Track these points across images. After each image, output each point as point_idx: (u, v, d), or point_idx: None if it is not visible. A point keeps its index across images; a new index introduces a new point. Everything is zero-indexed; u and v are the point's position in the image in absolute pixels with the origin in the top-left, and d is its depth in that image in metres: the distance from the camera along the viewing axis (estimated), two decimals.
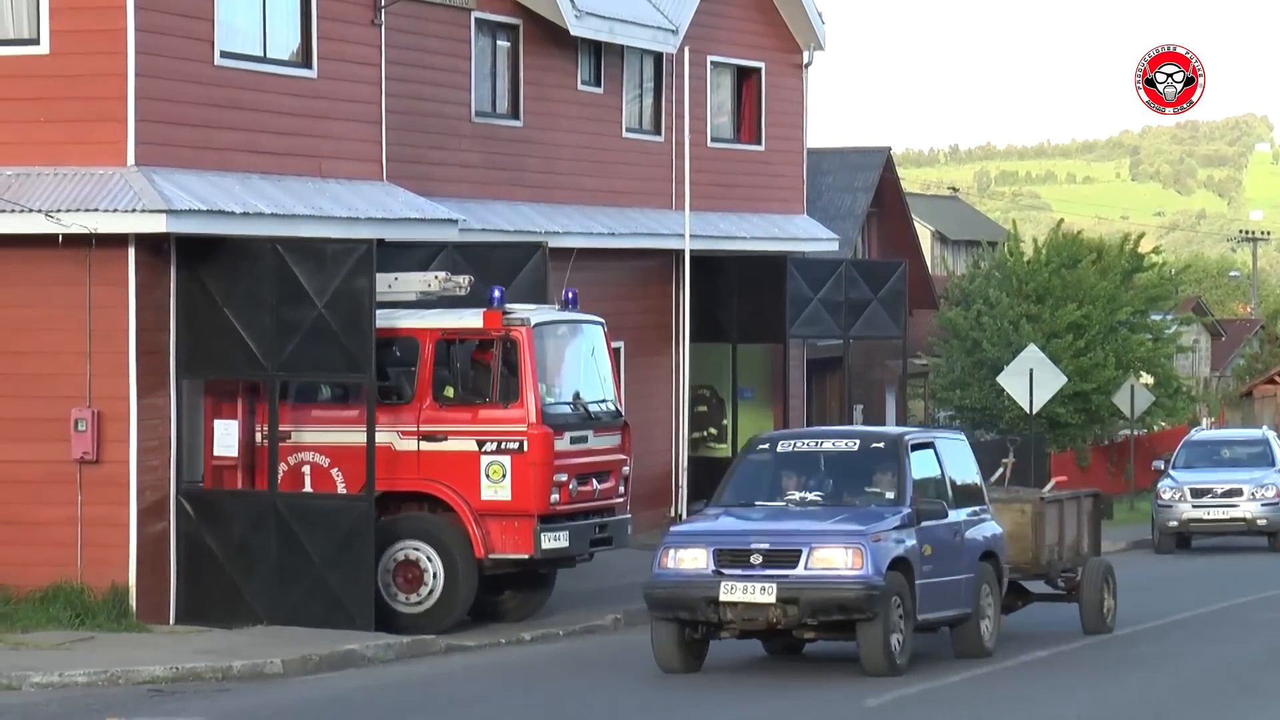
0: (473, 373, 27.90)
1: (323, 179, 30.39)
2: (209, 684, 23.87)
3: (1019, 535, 27.41)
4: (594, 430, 28.77)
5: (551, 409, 27.86)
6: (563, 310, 29.63)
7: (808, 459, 25.61)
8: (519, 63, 38.56)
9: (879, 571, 23.18)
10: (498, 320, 27.55)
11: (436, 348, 27.89)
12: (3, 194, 27.11)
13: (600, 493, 28.81)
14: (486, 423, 27.58)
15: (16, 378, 27.57)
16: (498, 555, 27.74)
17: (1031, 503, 28.15)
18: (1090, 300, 61.19)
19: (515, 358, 27.58)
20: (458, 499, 27.63)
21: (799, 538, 23.56)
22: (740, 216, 44.71)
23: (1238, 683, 24.51)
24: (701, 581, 23.38)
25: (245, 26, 29.44)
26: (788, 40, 46.61)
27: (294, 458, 28.24)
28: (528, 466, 27.48)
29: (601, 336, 29.75)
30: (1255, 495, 48.42)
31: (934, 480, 25.45)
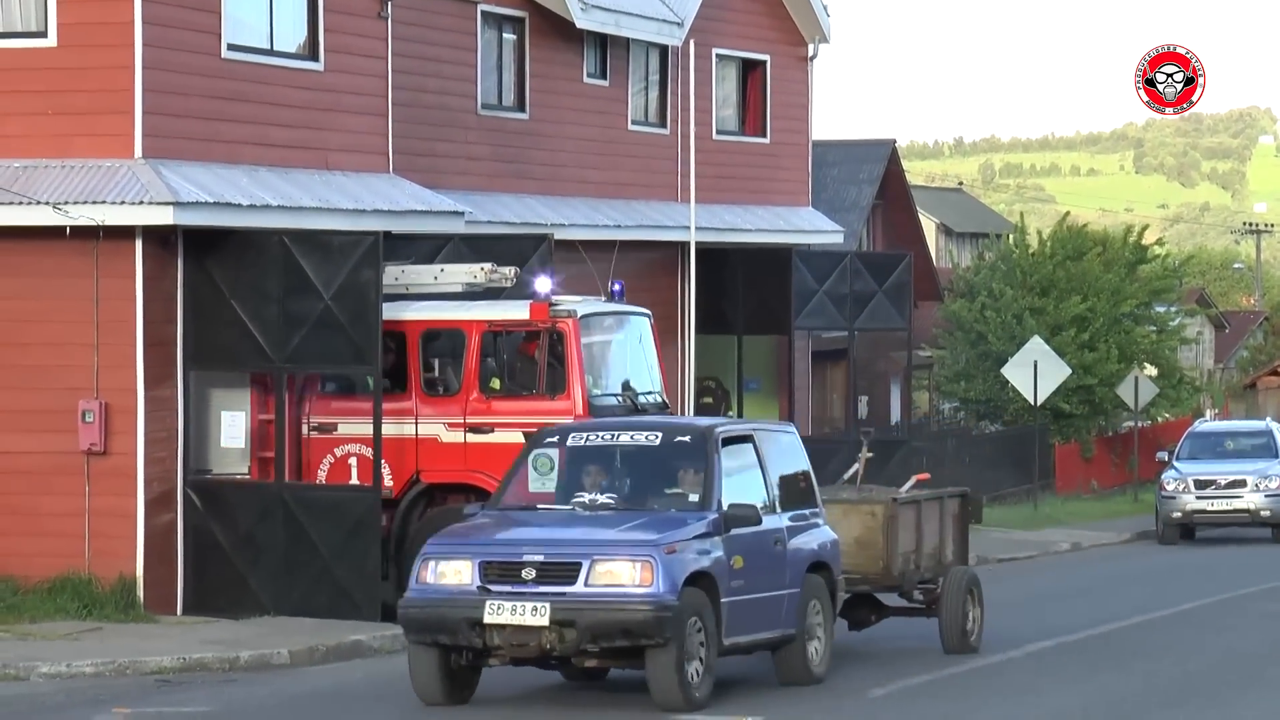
0: (519, 365, 27.79)
1: (329, 171, 30.39)
2: (216, 674, 23.87)
3: (869, 541, 24.38)
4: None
5: (598, 401, 27.66)
6: (609, 302, 29.55)
7: (603, 455, 22.14)
8: (525, 55, 38.56)
9: (672, 588, 19.84)
10: (544, 312, 27.43)
11: (483, 339, 27.76)
12: (10, 186, 27.12)
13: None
14: (533, 414, 27.16)
15: (24, 369, 27.58)
16: None
17: (883, 504, 24.70)
18: (1095, 293, 61.27)
19: (562, 350, 27.45)
20: None
21: (579, 548, 20.26)
22: (745, 209, 44.71)
23: (1243, 674, 24.52)
24: (464, 600, 20.11)
25: (252, 19, 29.43)
26: (793, 33, 46.60)
27: (340, 449, 28.20)
28: None
29: (648, 327, 29.58)
30: (1259, 486, 48.46)
31: (752, 480, 22.04)
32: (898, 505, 24.64)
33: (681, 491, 21.47)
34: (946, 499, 26.24)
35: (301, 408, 28.45)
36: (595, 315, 28.41)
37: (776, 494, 22.30)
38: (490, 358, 27.79)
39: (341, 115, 30.88)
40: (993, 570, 40.36)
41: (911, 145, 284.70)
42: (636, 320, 29.46)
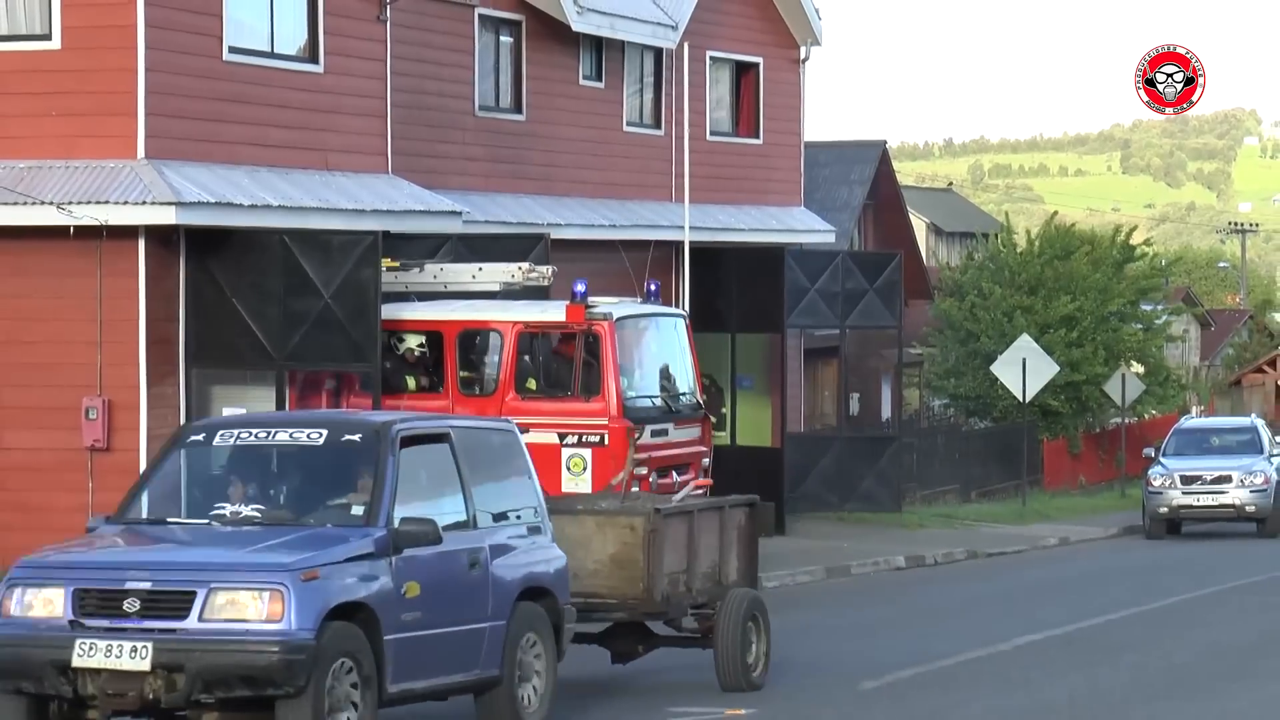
0: (555, 366, 27.63)
1: (329, 172, 30.40)
2: None
3: (627, 560, 20.27)
4: (674, 423, 28.43)
5: (633, 402, 27.56)
6: (645, 303, 29.50)
7: (256, 456, 18.12)
8: (522, 58, 38.58)
9: (309, 624, 15.78)
10: (580, 314, 27.23)
11: (519, 340, 27.59)
12: (15, 186, 27.14)
13: (680, 485, 27.76)
14: (568, 415, 27.24)
15: (28, 367, 27.60)
16: None
17: (643, 516, 20.43)
18: (1082, 292, 61.29)
19: (597, 351, 27.26)
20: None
21: (196, 574, 16.27)
22: (738, 209, 44.74)
23: (1230, 666, 24.51)
24: (51, 638, 16.12)
25: (253, 22, 29.45)
26: (785, 36, 46.62)
27: None
28: (609, 460, 27.04)
29: (683, 329, 29.50)
30: (1244, 482, 48.48)
31: (445, 489, 18.03)
32: (662, 517, 20.44)
33: (345, 503, 17.48)
34: (729, 509, 22.03)
35: (338, 405, 28.38)
36: (631, 317, 28.28)
37: (479, 507, 18.19)
38: (526, 358, 27.63)
39: (341, 117, 30.89)
40: (981, 564, 40.45)
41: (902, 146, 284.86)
42: (672, 321, 29.43)
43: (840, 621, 29.61)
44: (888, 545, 40.29)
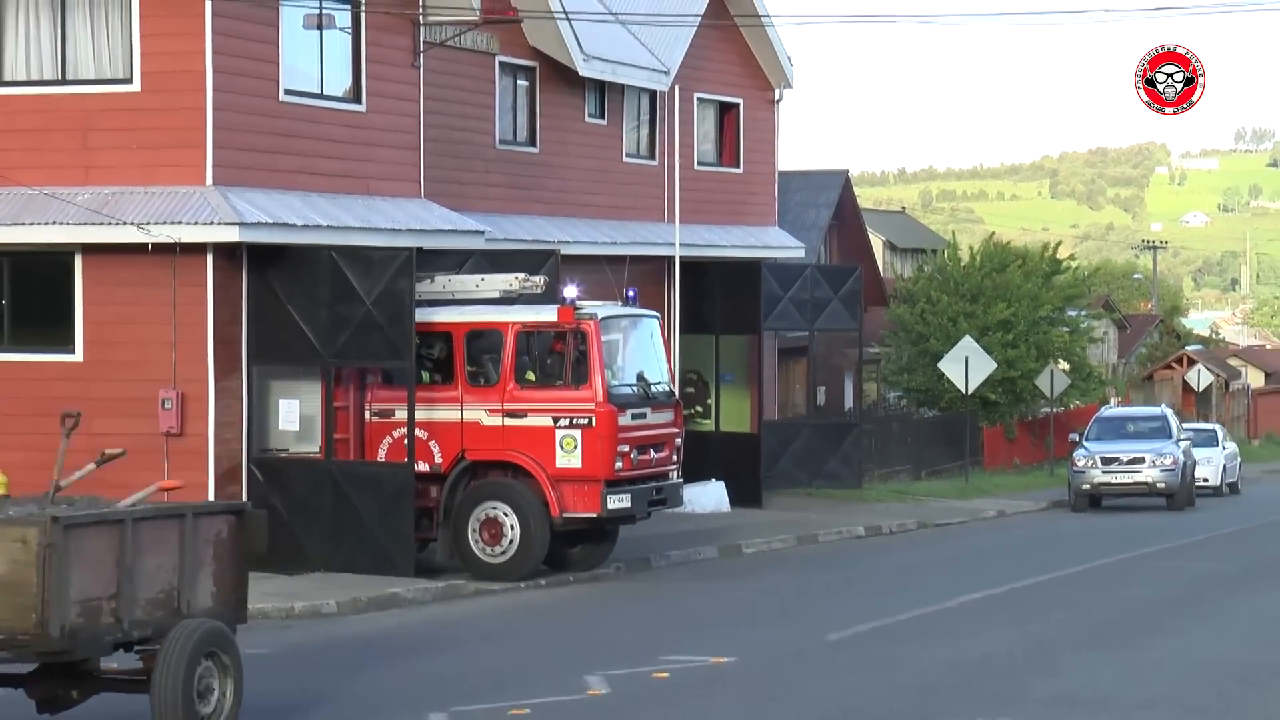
0: (549, 359, 27.60)
1: (370, 196, 30.39)
2: (275, 621, 23.90)
3: (16, 583, 14.06)
4: (651, 408, 28.31)
5: (616, 390, 27.51)
6: (624, 306, 29.46)
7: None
8: (536, 99, 38.59)
9: None
10: (570, 315, 27.28)
11: (518, 338, 27.61)
12: (102, 209, 27.15)
13: (656, 461, 28.42)
14: (561, 402, 27.28)
15: (114, 364, 27.62)
16: (570, 514, 27.37)
17: (37, 527, 14.16)
18: (1016, 299, 61.35)
19: (585, 347, 27.29)
20: (536, 467, 27.32)
21: None
22: (722, 228, 44.76)
23: (1144, 621, 24.57)
24: None
25: (305, 68, 29.45)
26: (762, 80, 46.64)
27: (397, 432, 28.01)
28: (596, 439, 27.12)
29: (657, 328, 29.52)
30: (1155, 463, 48.62)
31: None
32: (63, 529, 14.14)
33: None
34: (197, 518, 15.67)
35: (365, 396, 28.33)
36: (613, 317, 28.31)
37: None
38: (524, 354, 27.63)
39: (380, 149, 30.88)
40: (933, 533, 40.47)
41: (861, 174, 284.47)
42: (648, 322, 29.36)
43: (809, 582, 29.67)
44: (850, 517, 40.35)
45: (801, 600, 26.89)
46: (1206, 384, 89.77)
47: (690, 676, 19.17)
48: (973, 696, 17.90)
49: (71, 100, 27.86)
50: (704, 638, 21.94)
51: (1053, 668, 20.12)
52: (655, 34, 42.03)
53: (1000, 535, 40.32)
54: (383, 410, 28.17)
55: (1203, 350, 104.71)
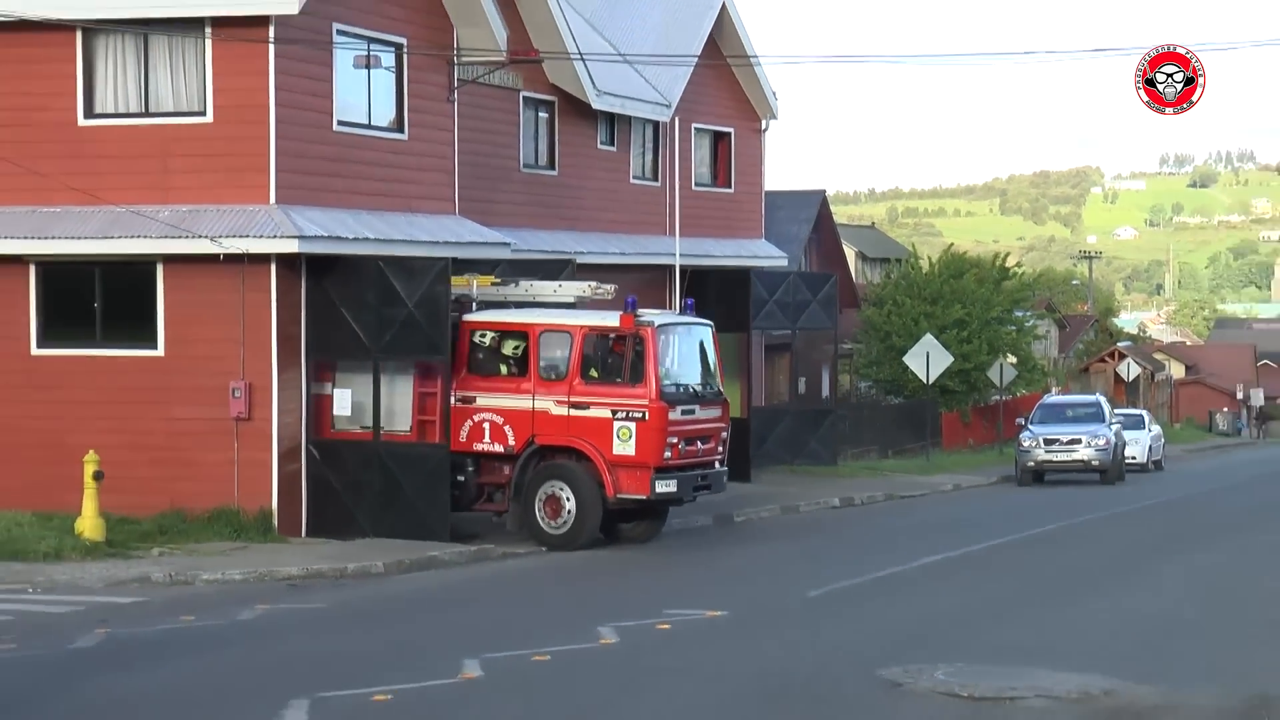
0: (610, 359, 27.36)
1: (412, 213, 30.42)
2: (330, 580, 23.94)
3: None
4: (700, 405, 27.98)
5: (667, 388, 27.24)
6: (680, 314, 29.15)
7: None
8: (555, 129, 38.62)
9: None
10: (631, 322, 27.07)
11: (585, 340, 27.41)
12: (180, 225, 27.18)
13: (703, 451, 28.06)
14: (619, 397, 27.07)
15: (191, 359, 27.66)
16: (623, 495, 27.21)
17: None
18: (970, 302, 61.38)
19: (642, 350, 27.02)
20: (595, 452, 27.13)
21: None
22: (716, 240, 44.78)
23: (1083, 581, 24.58)
24: None
25: (355, 102, 29.47)
26: (750, 112, 46.66)
27: (478, 416, 27.85)
28: (648, 431, 26.91)
29: (709, 334, 29.05)
30: (1091, 443, 48.67)
31: None
32: None
33: None
34: None
35: (451, 384, 28.08)
36: (668, 325, 28.03)
37: None
38: (589, 353, 27.43)
39: (420, 172, 30.92)
40: (898, 504, 40.48)
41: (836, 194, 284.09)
42: (700, 328, 28.96)
43: (792, 547, 29.67)
44: (826, 490, 40.37)
45: (785, 562, 26.91)
46: (1135, 375, 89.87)
47: (689, 628, 19.20)
48: (933, 644, 17.93)
49: (153, 130, 27.88)
50: (700, 595, 21.96)
51: (1002, 621, 20.15)
52: (658, 72, 42.07)
53: (956, 506, 40.35)
54: (465, 397, 28.00)
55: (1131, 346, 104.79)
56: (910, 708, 14.57)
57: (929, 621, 19.95)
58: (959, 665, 16.32)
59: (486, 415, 27.86)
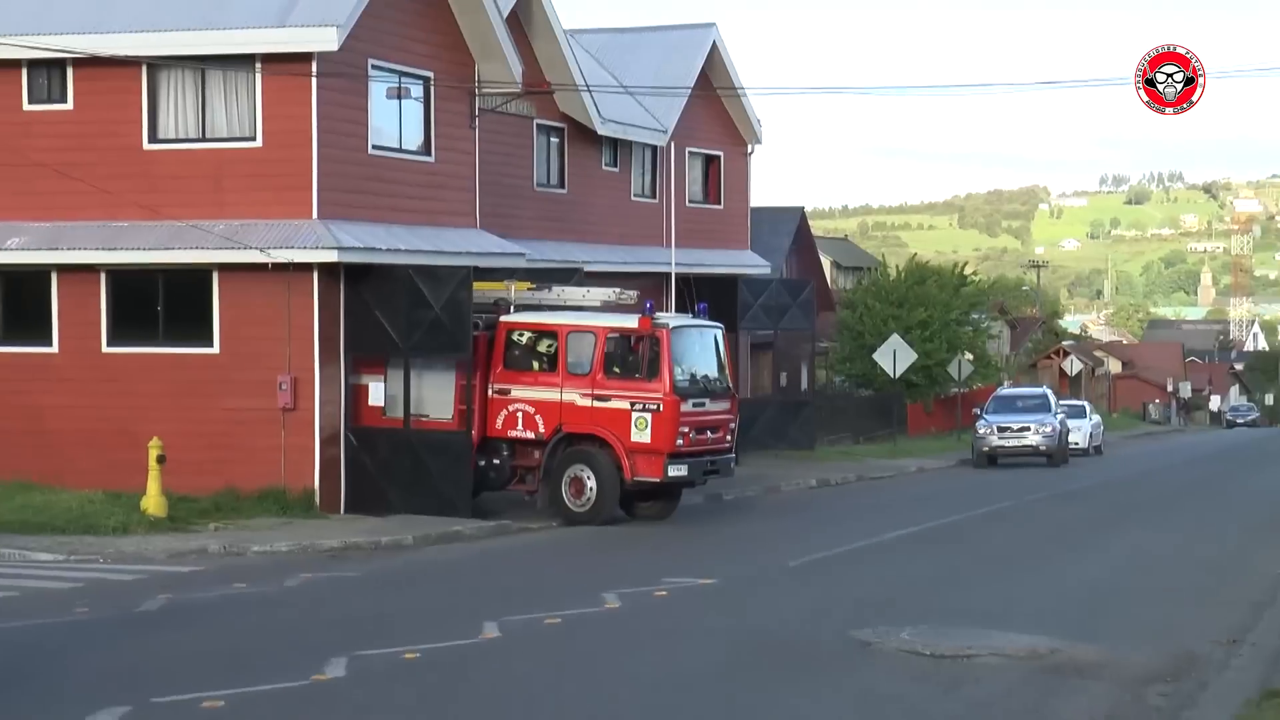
0: (630, 357, 27.18)
1: (438, 227, 30.45)
2: (365, 551, 23.97)
3: None
4: (710, 398, 27.78)
5: (680, 383, 27.07)
6: (694, 318, 29.03)
7: None
8: (565, 152, 38.67)
9: None
10: (648, 324, 26.94)
11: (607, 340, 27.26)
12: (233, 238, 27.20)
13: (712, 440, 27.84)
14: (637, 390, 26.93)
15: (243, 356, 27.69)
16: (640, 478, 27.06)
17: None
18: (932, 305, 61.36)
19: (658, 349, 26.87)
20: (615, 440, 27.00)
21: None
22: (707, 251, 44.81)
23: (1031, 550, 24.62)
24: None
25: (388, 128, 29.50)
26: (738, 137, 46.70)
27: (512, 407, 27.71)
28: (662, 421, 26.78)
29: (720, 336, 28.82)
30: (1038, 430, 48.73)
31: None
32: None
33: None
34: None
35: (488, 376, 27.97)
36: (682, 327, 27.86)
37: None
38: (611, 351, 27.28)
39: (445, 190, 30.95)
40: (869, 485, 40.50)
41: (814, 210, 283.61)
42: (712, 331, 28.77)
43: (775, 523, 29.69)
44: (805, 472, 40.39)
45: (769, 536, 26.92)
46: (1077, 370, 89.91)
47: (683, 593, 19.22)
48: (898, 608, 17.95)
49: (209, 153, 27.91)
50: (694, 565, 21.98)
51: (960, 587, 20.17)
52: (655, 102, 42.09)
53: (920, 486, 40.39)
54: (501, 389, 27.90)
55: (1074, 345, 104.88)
56: (879, 664, 14.60)
57: (896, 588, 19.97)
58: (922, 627, 16.34)
59: (520, 406, 27.75)
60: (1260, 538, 26.53)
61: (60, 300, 28.53)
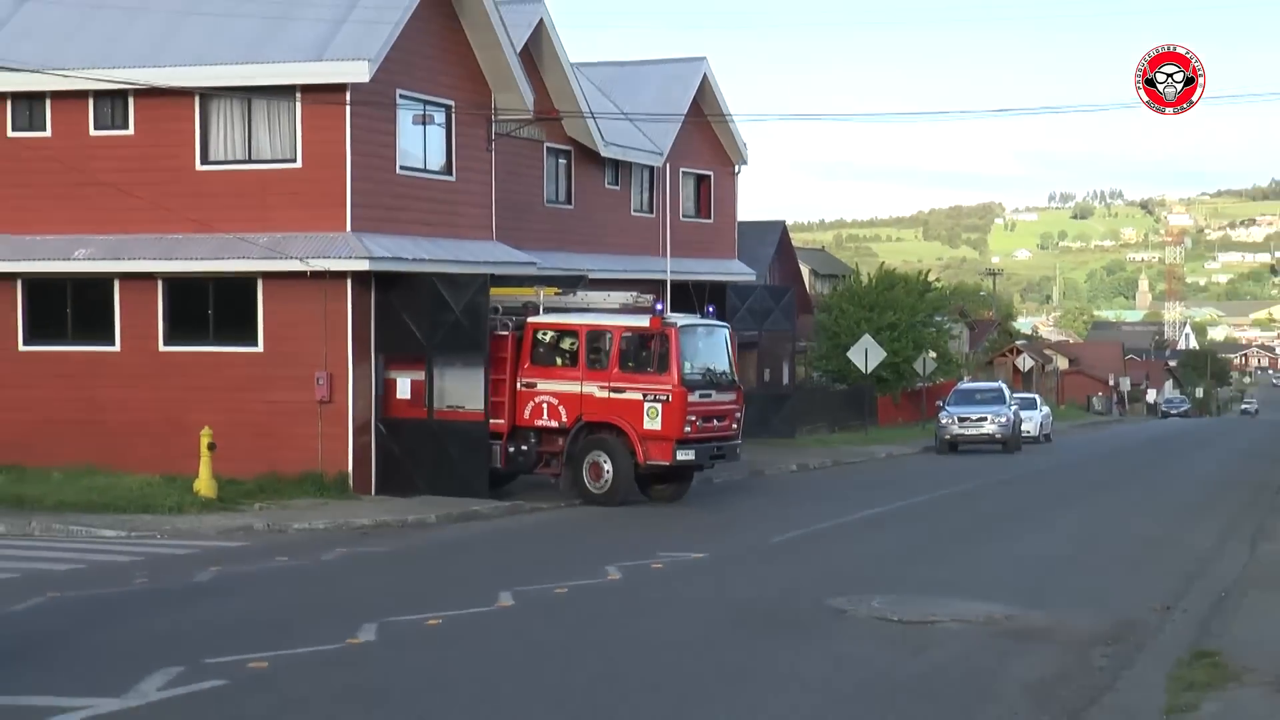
0: (643, 353, 27.01)
1: (458, 239, 30.44)
2: (393, 529, 23.96)
3: None
4: (716, 390, 27.56)
5: (688, 376, 26.89)
6: (702, 318, 28.85)
7: None
8: (571, 171, 38.63)
9: None
10: (658, 323, 26.86)
11: (622, 338, 27.11)
12: (276, 249, 27.19)
13: (719, 428, 27.64)
14: (649, 383, 26.77)
15: (286, 355, 27.70)
16: (651, 462, 26.89)
17: None
18: (900, 309, 61.36)
19: (667, 346, 26.74)
20: (629, 428, 26.84)
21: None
22: (699, 260, 44.77)
23: (987, 526, 24.62)
24: None
25: (414, 150, 29.51)
26: (726, 159, 46.65)
27: (538, 399, 27.55)
28: (670, 410, 26.61)
29: (726, 334, 28.65)
30: (994, 420, 48.74)
31: None
32: None
33: None
34: None
35: (516, 372, 27.82)
36: (690, 325, 27.70)
37: None
38: (625, 348, 27.08)
39: (465, 207, 30.94)
40: (843, 469, 40.51)
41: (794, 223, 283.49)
42: (719, 330, 28.60)
43: (759, 503, 29.69)
44: (786, 458, 40.41)
45: (754, 515, 26.91)
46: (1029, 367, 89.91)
47: (677, 566, 19.22)
48: (869, 580, 17.95)
49: (254, 174, 27.90)
50: (686, 541, 21.97)
51: (924, 560, 20.16)
52: (652, 127, 42.05)
53: (889, 470, 40.40)
54: (528, 383, 27.76)
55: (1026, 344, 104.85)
56: (852, 629, 14.59)
57: (866, 562, 19.97)
58: (891, 596, 16.34)
59: (545, 397, 27.61)
60: (1191, 515, 26.53)
61: (121, 305, 28.53)
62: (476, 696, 11.49)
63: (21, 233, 28.99)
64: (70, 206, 28.71)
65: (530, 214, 36.04)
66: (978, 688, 11.94)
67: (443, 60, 30.17)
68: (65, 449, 28.24)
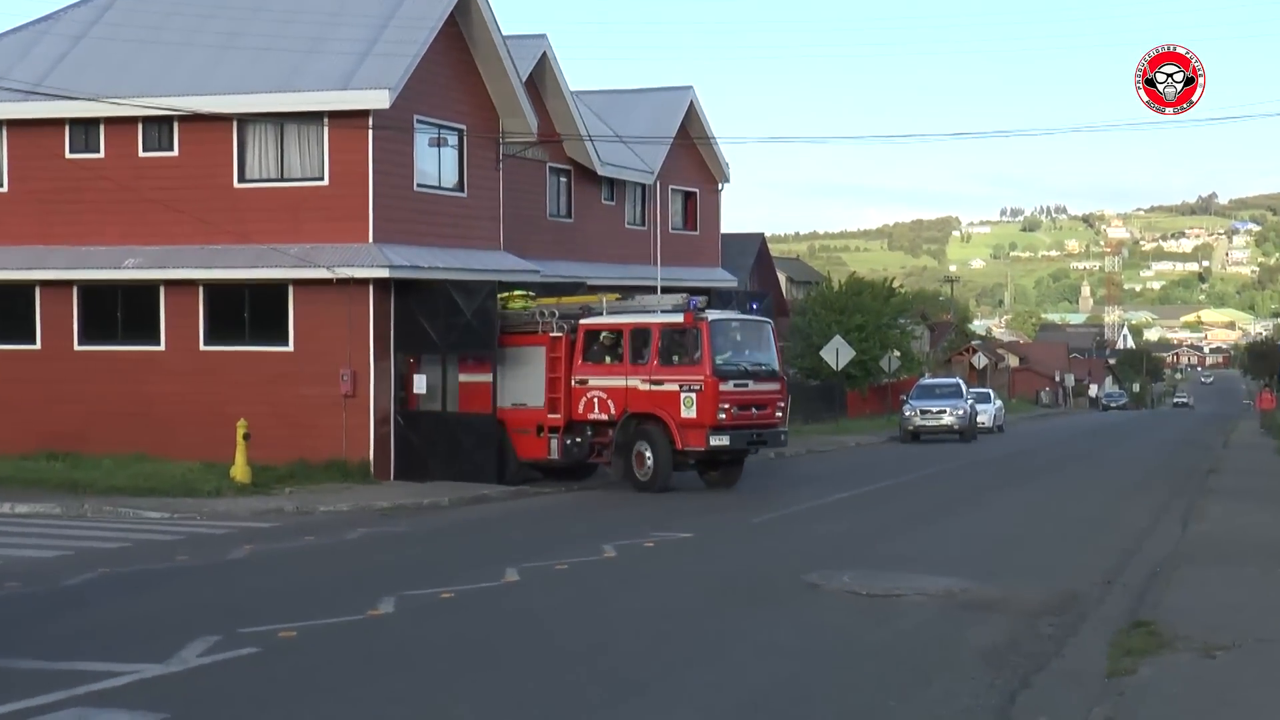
0: (681, 347, 26.57)
1: (469, 249, 30.39)
2: (410, 510, 23.90)
3: None
4: (754, 380, 26.85)
5: (720, 367, 26.30)
6: (745, 313, 28.30)
7: None
8: (571, 188, 38.60)
9: None
10: (691, 319, 26.41)
11: (661, 334, 26.65)
12: (306, 258, 27.15)
13: (758, 415, 26.91)
14: (684, 374, 26.23)
15: (312, 353, 27.65)
16: (687, 448, 26.38)
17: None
18: (867, 312, 61.38)
19: (699, 339, 26.25)
20: (669, 417, 26.36)
21: None
22: (686, 268, 44.73)
23: (945, 509, 24.55)
24: None
25: (430, 169, 29.47)
26: (710, 176, 46.63)
27: (590, 394, 27.07)
28: (704, 399, 26.06)
29: (769, 328, 27.98)
30: (953, 413, 48.79)
31: None
32: None
33: None
34: None
35: (570, 369, 27.36)
36: (722, 320, 27.12)
37: None
38: (665, 343, 26.60)
39: (476, 220, 30.90)
40: (816, 456, 40.46)
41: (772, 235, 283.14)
42: (759, 324, 27.91)
43: (741, 487, 29.62)
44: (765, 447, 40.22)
45: (736, 498, 26.85)
46: (984, 364, 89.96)
47: (666, 544, 19.17)
48: (839, 556, 17.91)
49: (286, 191, 27.86)
50: (675, 521, 21.91)
51: (890, 538, 20.12)
52: (645, 148, 42.02)
53: (857, 458, 40.37)
54: (580, 379, 27.30)
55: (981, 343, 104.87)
56: (824, 601, 14.55)
57: (837, 540, 19.93)
58: (860, 571, 16.30)
59: (596, 392, 27.09)
60: (1129, 497, 26.52)
61: (167, 309, 28.48)
62: (484, 662, 11.46)
63: (77, 244, 28.96)
64: (121, 221, 28.67)
65: (534, 227, 36.00)
66: (938, 654, 11.91)
67: (456, 89, 30.12)
68: (116, 438, 28.19)
